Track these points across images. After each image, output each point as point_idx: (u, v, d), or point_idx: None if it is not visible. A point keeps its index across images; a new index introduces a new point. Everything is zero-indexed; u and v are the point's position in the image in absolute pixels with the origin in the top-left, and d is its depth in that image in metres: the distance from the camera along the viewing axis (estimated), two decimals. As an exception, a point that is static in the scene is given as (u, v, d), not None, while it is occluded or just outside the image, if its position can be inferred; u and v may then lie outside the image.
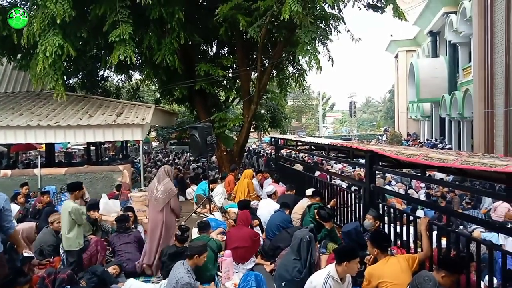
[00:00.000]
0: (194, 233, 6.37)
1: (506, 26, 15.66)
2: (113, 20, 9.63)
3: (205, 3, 13.51)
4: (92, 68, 15.29)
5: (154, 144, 40.15)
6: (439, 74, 25.47)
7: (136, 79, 18.61)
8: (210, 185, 8.99)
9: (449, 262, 3.68)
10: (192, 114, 17.04)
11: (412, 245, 4.98)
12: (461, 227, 8.05)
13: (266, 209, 7.08)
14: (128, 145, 26.76)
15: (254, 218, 6.24)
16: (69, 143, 26.81)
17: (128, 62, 9.75)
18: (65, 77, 13.14)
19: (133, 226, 6.65)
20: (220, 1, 10.57)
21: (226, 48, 14.87)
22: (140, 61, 13.99)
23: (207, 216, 7.66)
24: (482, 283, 4.27)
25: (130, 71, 16.35)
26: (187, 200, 10.97)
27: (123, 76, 17.11)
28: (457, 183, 11.23)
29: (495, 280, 4.33)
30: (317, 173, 10.81)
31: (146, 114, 10.57)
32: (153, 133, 36.00)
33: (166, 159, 24.23)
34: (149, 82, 15.92)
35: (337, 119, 73.80)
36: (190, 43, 12.22)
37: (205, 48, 14.84)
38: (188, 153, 24.27)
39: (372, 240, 4.32)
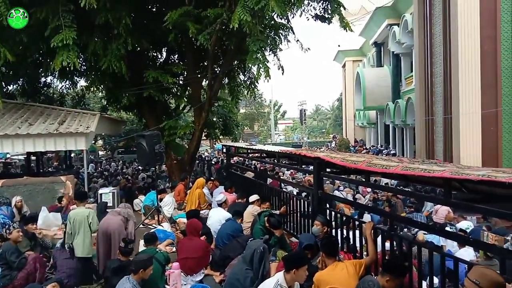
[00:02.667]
0: (141, 245, 6.15)
1: (443, 38, 16.73)
2: (55, 24, 9.20)
3: (154, 9, 13.27)
4: (34, 74, 14.51)
5: (101, 153, 38.66)
6: (384, 83, 26.70)
7: (81, 86, 17.87)
8: (159, 195, 8.76)
9: (393, 266, 3.79)
10: (141, 122, 16.60)
11: (359, 249, 5.11)
12: (405, 229, 8.39)
13: (217, 218, 6.98)
14: (73, 154, 25.58)
15: (204, 228, 6.13)
16: (8, 153, 25.18)
17: (72, 68, 9.35)
18: (3, 83, 12.37)
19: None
20: (169, 7, 10.41)
21: (176, 55, 14.67)
22: (85, 67, 13.46)
23: (155, 227, 7.45)
24: (424, 283, 4.45)
25: (75, 78, 15.68)
26: (135, 211, 10.60)
27: (67, 82, 16.36)
28: (401, 187, 11.75)
29: (436, 280, 4.53)
30: (269, 180, 10.87)
31: (90, 122, 10.16)
32: (100, 142, 34.72)
33: (114, 168, 23.41)
34: (95, 89, 15.32)
35: (288, 127, 75.04)
36: (138, 49, 11.93)
37: (154, 54, 14.55)
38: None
39: (321, 244, 4.38)
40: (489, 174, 3.09)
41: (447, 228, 9.04)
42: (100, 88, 14.66)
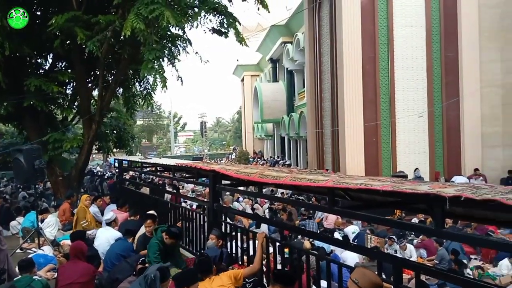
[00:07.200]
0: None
1: (331, 57, 18.12)
2: None
3: (38, 13, 12.15)
4: None
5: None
6: (279, 97, 28.01)
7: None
8: (41, 215, 7.91)
9: (282, 275, 3.88)
10: (22, 134, 14.98)
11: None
12: (299, 236, 8.77)
13: (105, 238, 6.48)
14: None
15: (91, 250, 5.66)
16: None
17: None
18: None
19: None
20: (57, 11, 9.64)
21: (64, 62, 13.57)
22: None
23: (35, 252, 6.70)
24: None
25: None
26: (12, 235, 9.43)
27: None
28: (295, 196, 12.29)
29: (324, 284, 4.77)
30: (168, 196, 10.55)
31: (-44, 135, 8.85)
32: (-27, 157, 30.53)
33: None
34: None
35: (189, 139, 74.34)
36: (18, 54, 10.80)
37: (39, 61, 13.28)
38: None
39: (196, 268, 4.31)
40: (366, 183, 3.33)
41: (336, 233, 9.71)
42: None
